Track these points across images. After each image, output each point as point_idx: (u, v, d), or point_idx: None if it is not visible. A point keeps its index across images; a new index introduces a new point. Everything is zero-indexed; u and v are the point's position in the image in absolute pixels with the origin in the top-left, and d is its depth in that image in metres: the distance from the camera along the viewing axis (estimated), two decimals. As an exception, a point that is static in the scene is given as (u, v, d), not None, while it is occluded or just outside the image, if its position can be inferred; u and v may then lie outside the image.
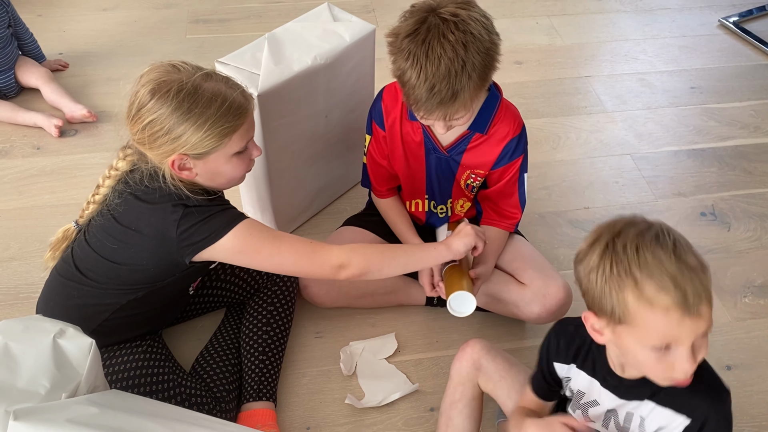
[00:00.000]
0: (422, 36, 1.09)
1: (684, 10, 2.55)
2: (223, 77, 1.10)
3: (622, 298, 0.84)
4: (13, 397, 0.93)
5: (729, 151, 1.98)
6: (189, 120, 1.04)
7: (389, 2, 2.50)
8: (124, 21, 2.37)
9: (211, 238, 1.10)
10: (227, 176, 1.14)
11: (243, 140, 1.11)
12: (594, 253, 0.88)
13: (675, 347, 0.85)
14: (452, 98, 1.10)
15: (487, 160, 1.32)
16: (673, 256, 0.85)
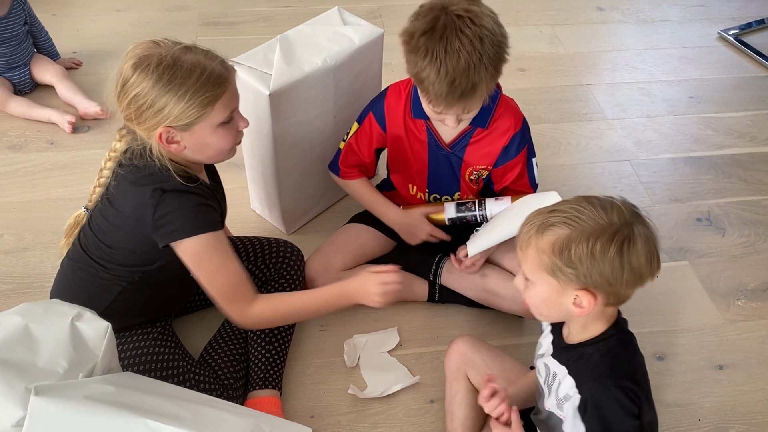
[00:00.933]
0: (439, 32, 1.13)
1: (684, 22, 2.61)
2: (202, 50, 1.12)
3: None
4: (33, 375, 0.97)
5: (725, 159, 2.03)
6: (170, 91, 1.06)
7: (395, 9, 2.56)
8: (137, 22, 2.43)
9: (179, 233, 1.13)
10: (215, 147, 1.15)
11: (226, 110, 1.12)
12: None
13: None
14: (472, 91, 1.15)
15: (489, 154, 1.37)
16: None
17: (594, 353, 1.00)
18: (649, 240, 0.94)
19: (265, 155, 1.53)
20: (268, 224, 1.74)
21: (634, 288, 0.96)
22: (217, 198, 1.24)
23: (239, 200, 1.79)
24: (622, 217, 0.93)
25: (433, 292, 1.53)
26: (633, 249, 0.91)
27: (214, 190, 1.26)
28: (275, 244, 1.48)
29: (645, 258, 0.93)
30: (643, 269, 0.94)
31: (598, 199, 0.95)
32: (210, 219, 1.15)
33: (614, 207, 0.94)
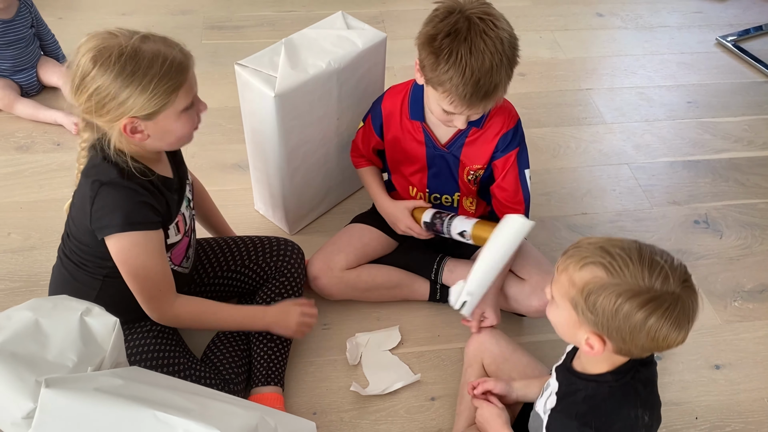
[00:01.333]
0: (464, 35, 1.15)
1: (683, 29, 2.64)
2: (160, 38, 1.11)
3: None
4: (43, 369, 0.99)
5: (723, 163, 2.05)
6: (134, 82, 1.05)
7: (398, 14, 2.59)
8: (141, 25, 2.39)
9: (110, 228, 1.13)
10: (177, 134, 1.15)
11: (189, 95, 1.13)
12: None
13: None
14: (494, 91, 1.18)
15: (483, 153, 1.39)
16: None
17: (582, 390, 1.01)
18: (686, 313, 0.89)
19: (270, 156, 1.55)
20: (272, 224, 1.77)
21: (650, 351, 0.96)
22: (165, 197, 1.20)
23: (243, 201, 1.81)
24: (666, 284, 0.88)
25: (434, 292, 1.56)
26: (661, 320, 0.88)
27: (167, 186, 1.22)
28: (275, 243, 1.50)
29: (672, 331, 0.89)
30: (665, 341, 0.91)
31: (653, 254, 0.90)
32: (143, 217, 1.14)
33: (662, 271, 0.88)
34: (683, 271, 0.91)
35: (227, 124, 2.06)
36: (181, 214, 1.26)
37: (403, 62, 2.30)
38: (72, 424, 0.92)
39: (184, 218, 1.28)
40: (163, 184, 1.20)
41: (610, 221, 1.84)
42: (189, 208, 1.31)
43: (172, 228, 1.24)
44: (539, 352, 1.49)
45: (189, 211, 1.31)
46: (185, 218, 1.28)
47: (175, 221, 1.24)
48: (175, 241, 1.26)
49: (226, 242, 1.50)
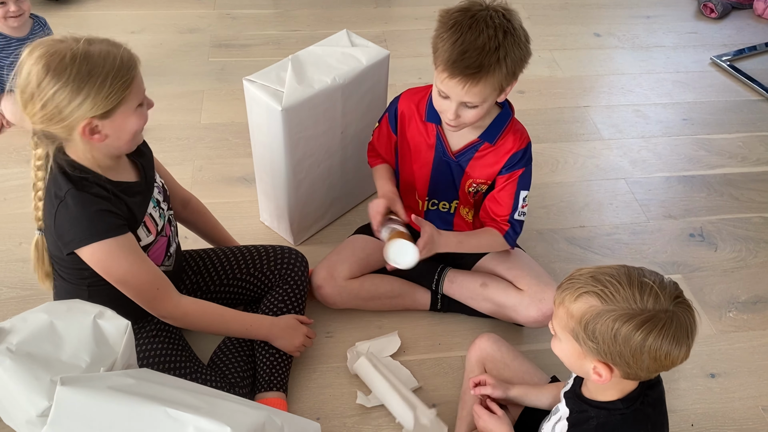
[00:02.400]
0: (472, 12, 1.22)
1: (678, 48, 2.70)
2: (103, 39, 1.13)
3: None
4: (57, 369, 1.02)
5: (717, 178, 2.10)
6: (90, 82, 1.06)
7: (400, 33, 2.65)
8: (150, 43, 2.52)
9: (75, 242, 1.14)
10: (132, 130, 1.15)
11: (140, 92, 1.14)
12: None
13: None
14: (477, 69, 1.20)
15: (491, 170, 1.43)
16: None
17: (594, 418, 1.03)
18: (682, 329, 0.92)
19: (276, 168, 1.60)
20: (277, 235, 1.81)
21: (657, 372, 0.97)
22: (125, 201, 1.21)
23: (249, 213, 1.86)
24: (658, 302, 0.91)
25: (435, 301, 1.59)
26: (659, 338, 0.90)
27: (127, 190, 1.22)
28: (279, 251, 1.54)
29: (672, 347, 0.91)
30: (668, 359, 0.92)
31: (642, 276, 0.94)
32: (105, 225, 1.15)
33: (652, 290, 0.91)
34: (674, 288, 0.94)
35: (234, 139, 2.11)
36: (148, 215, 1.27)
37: (405, 80, 2.35)
38: (86, 420, 0.96)
39: (153, 219, 1.29)
40: (121, 189, 1.21)
41: (607, 234, 1.88)
42: (159, 209, 1.32)
43: (142, 231, 1.26)
44: (538, 361, 1.52)
45: (159, 211, 1.31)
46: (154, 219, 1.29)
47: (141, 223, 1.26)
48: (149, 243, 1.28)
49: (232, 251, 1.54)
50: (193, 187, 1.92)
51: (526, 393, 1.29)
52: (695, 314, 0.94)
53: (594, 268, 0.97)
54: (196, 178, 1.96)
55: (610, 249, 1.84)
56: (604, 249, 1.84)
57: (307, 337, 1.44)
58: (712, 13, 2.88)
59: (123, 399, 0.97)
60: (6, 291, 1.63)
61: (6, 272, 1.67)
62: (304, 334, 1.43)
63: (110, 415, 0.96)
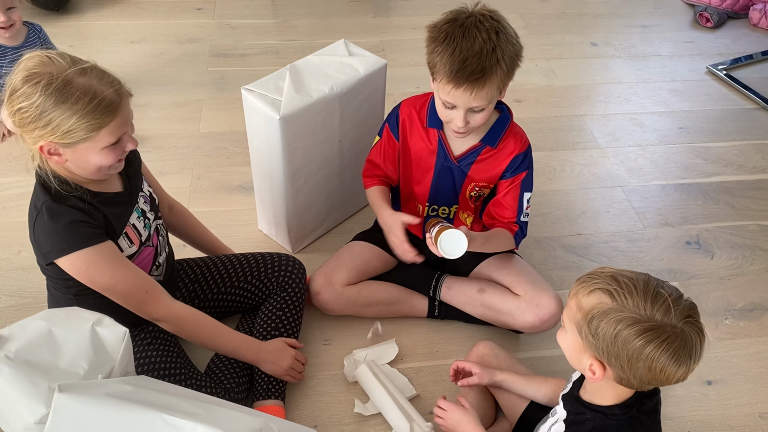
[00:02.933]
0: (460, 21, 1.25)
1: (674, 57, 2.72)
2: (99, 72, 1.11)
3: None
4: (55, 376, 1.03)
5: (714, 186, 2.11)
6: (56, 111, 1.06)
7: (397, 43, 2.67)
8: (150, 53, 2.54)
9: (53, 254, 1.15)
10: (95, 165, 1.14)
11: (113, 135, 1.12)
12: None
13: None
14: (481, 74, 1.23)
15: (493, 173, 1.45)
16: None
17: (590, 421, 1.04)
18: (685, 348, 0.91)
19: (274, 177, 1.61)
20: (275, 243, 1.81)
21: (651, 385, 0.97)
22: (103, 212, 1.20)
23: (247, 221, 1.87)
24: (667, 316, 0.91)
25: (432, 308, 1.60)
26: (659, 350, 0.90)
27: (106, 201, 1.22)
28: (277, 258, 1.55)
29: (669, 363, 0.91)
30: (663, 373, 0.92)
31: (659, 287, 0.93)
32: (82, 235, 1.15)
33: (665, 303, 0.91)
34: (688, 307, 0.93)
35: (232, 147, 2.12)
36: (130, 225, 1.27)
37: (402, 89, 2.37)
38: (84, 427, 0.96)
39: (136, 230, 1.28)
40: (100, 200, 1.21)
41: (604, 242, 1.89)
42: (144, 219, 1.31)
43: (123, 241, 1.25)
44: (535, 368, 1.53)
45: (144, 222, 1.31)
46: (137, 229, 1.29)
47: (122, 234, 1.25)
48: (132, 253, 1.28)
49: (229, 259, 1.55)
50: (191, 196, 1.93)
51: (515, 380, 1.30)
52: (704, 339, 0.93)
53: (617, 269, 0.98)
54: (194, 187, 1.97)
55: (607, 257, 1.85)
56: (601, 257, 1.85)
57: (298, 363, 1.42)
58: (708, 23, 2.91)
59: (120, 406, 0.97)
60: (5, 299, 1.64)
61: (5, 280, 1.68)
62: (292, 357, 1.40)
63: (108, 422, 0.96)
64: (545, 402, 1.27)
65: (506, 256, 1.56)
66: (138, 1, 2.83)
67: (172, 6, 2.82)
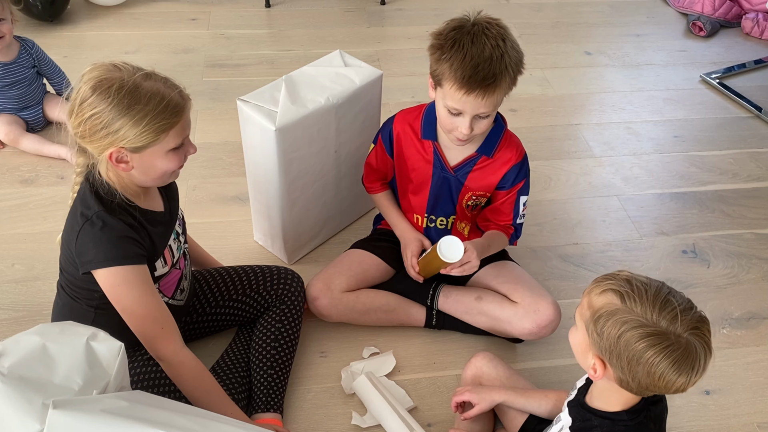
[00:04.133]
0: (468, 29, 1.26)
1: (668, 66, 2.73)
2: (162, 78, 1.15)
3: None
4: (49, 392, 1.02)
5: (709, 195, 2.11)
6: (128, 115, 1.08)
7: (392, 53, 2.67)
8: (145, 63, 2.47)
9: (93, 263, 1.15)
10: (161, 170, 1.17)
11: (179, 137, 1.15)
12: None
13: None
14: (493, 80, 1.24)
15: (490, 182, 1.46)
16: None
17: (597, 427, 1.03)
18: (688, 358, 0.90)
19: (270, 188, 1.60)
20: (271, 255, 1.81)
21: (650, 391, 0.96)
22: (148, 231, 1.22)
23: (243, 232, 1.86)
24: (673, 324, 0.91)
25: (430, 318, 1.59)
26: (659, 357, 0.90)
27: (151, 220, 1.23)
28: (275, 271, 1.54)
29: (670, 371, 0.91)
30: (663, 380, 0.92)
31: (670, 295, 0.94)
32: (127, 252, 1.16)
33: (673, 311, 0.91)
34: (697, 319, 0.92)
35: (228, 158, 2.11)
36: (167, 246, 1.28)
37: (397, 98, 2.37)
38: (78, 444, 0.95)
39: (171, 251, 1.30)
40: (147, 218, 1.22)
41: (601, 251, 1.89)
42: (177, 241, 1.33)
43: (159, 261, 1.26)
44: (533, 379, 1.52)
45: (177, 243, 1.33)
46: (172, 251, 1.30)
47: (161, 255, 1.26)
48: (163, 273, 1.28)
49: (227, 272, 1.54)
50: (186, 207, 1.91)
51: (515, 399, 1.30)
52: (709, 354, 0.93)
53: (634, 274, 0.98)
54: (189, 198, 1.96)
55: (604, 266, 1.85)
56: (598, 266, 1.85)
57: None
58: (701, 32, 2.92)
59: (116, 422, 0.96)
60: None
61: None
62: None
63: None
64: (546, 416, 1.27)
65: (503, 264, 1.56)
66: (132, 12, 2.83)
67: (167, 16, 2.82)
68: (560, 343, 1.60)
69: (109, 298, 1.19)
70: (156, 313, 1.21)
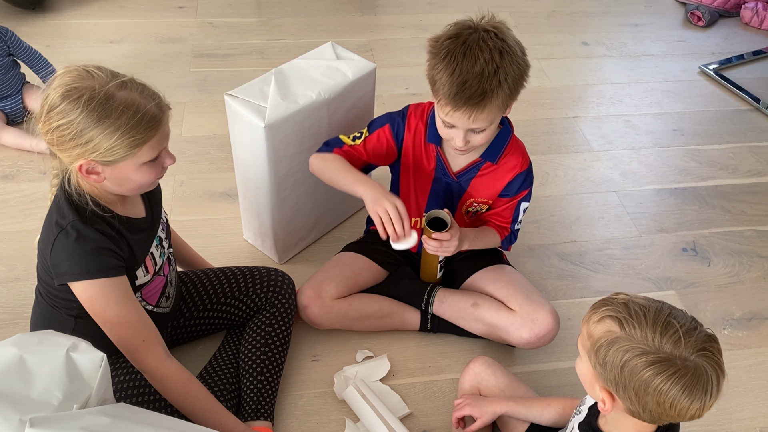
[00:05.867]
0: (463, 39, 1.19)
1: (666, 57, 2.68)
2: (139, 86, 1.07)
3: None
4: (27, 407, 0.97)
5: (709, 190, 2.07)
6: (98, 128, 1.02)
7: (386, 42, 2.61)
8: (130, 53, 2.46)
9: (68, 276, 1.10)
10: (136, 183, 1.11)
11: (155, 151, 1.09)
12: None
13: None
14: (481, 98, 1.17)
15: (493, 189, 1.41)
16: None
17: None
18: (699, 383, 0.85)
19: (260, 186, 1.55)
20: (261, 254, 1.75)
21: (663, 420, 0.91)
22: (127, 239, 1.16)
23: (232, 230, 1.80)
24: (677, 348, 0.86)
25: (425, 322, 1.55)
26: (668, 383, 0.85)
27: (131, 227, 1.18)
28: (266, 273, 1.49)
29: (681, 398, 0.85)
30: (675, 409, 0.87)
31: (670, 317, 0.89)
32: (103, 264, 1.10)
33: (675, 334, 0.86)
34: (703, 339, 0.87)
35: (216, 153, 2.05)
36: (149, 254, 1.22)
37: (391, 90, 2.31)
38: (57, 465, 0.90)
39: (153, 258, 1.24)
40: (126, 226, 1.16)
41: (599, 249, 1.85)
42: (160, 247, 1.27)
43: (140, 270, 1.20)
44: (531, 382, 1.48)
45: (160, 250, 1.26)
46: (154, 258, 1.24)
47: (142, 263, 1.20)
48: (145, 282, 1.23)
49: (215, 273, 1.48)
50: (173, 204, 1.86)
51: (517, 409, 1.26)
52: (722, 374, 0.87)
53: (632, 296, 0.93)
54: (176, 194, 1.90)
55: (603, 264, 1.81)
56: (597, 264, 1.80)
57: None
58: (700, 21, 2.87)
59: (96, 441, 0.91)
60: (-23, 315, 1.57)
61: (-23, 295, 1.61)
62: None
63: (82, 459, 0.90)
64: (550, 425, 1.23)
65: (500, 268, 1.51)
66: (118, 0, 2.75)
67: (153, 4, 2.74)
68: (559, 347, 1.56)
69: (88, 310, 1.13)
70: (137, 326, 1.15)
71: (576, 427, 1.08)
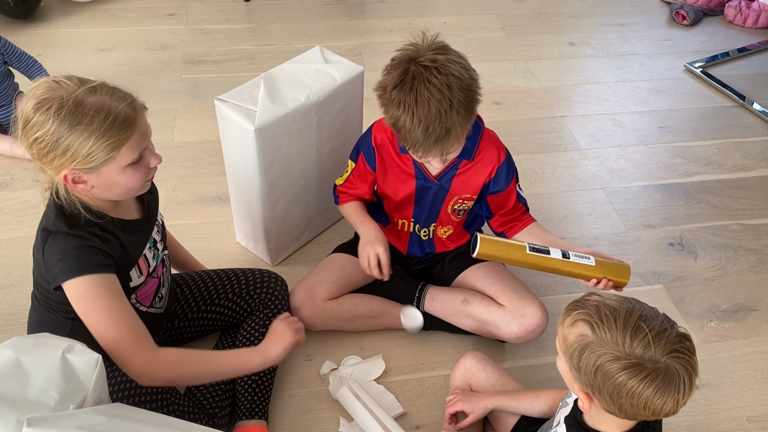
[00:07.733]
0: (408, 84, 1.19)
1: (652, 56, 2.72)
2: (109, 89, 1.07)
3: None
4: (24, 408, 0.98)
5: (695, 186, 2.10)
6: (72, 136, 1.02)
7: (375, 46, 2.64)
8: (122, 61, 2.48)
9: (60, 276, 1.10)
10: (124, 187, 1.11)
11: (135, 151, 1.09)
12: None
13: None
14: (446, 135, 1.20)
15: (475, 184, 1.43)
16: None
17: None
18: (671, 383, 0.87)
19: (251, 188, 1.57)
20: (253, 256, 1.77)
21: (638, 417, 0.93)
22: (120, 240, 1.17)
23: (224, 233, 1.82)
24: (648, 351, 0.87)
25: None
26: (641, 386, 0.87)
27: (124, 228, 1.18)
28: (258, 275, 1.51)
29: (655, 398, 0.87)
30: (649, 409, 0.89)
31: (640, 319, 0.90)
32: (91, 261, 1.10)
33: (645, 338, 0.88)
34: (675, 341, 0.89)
35: (207, 157, 2.07)
36: (142, 255, 1.23)
37: (381, 93, 2.33)
38: (54, 463, 0.92)
39: (146, 260, 1.25)
40: (119, 227, 1.17)
41: (587, 245, 1.87)
42: (154, 249, 1.28)
43: (134, 271, 1.21)
44: (522, 377, 1.51)
45: (154, 251, 1.28)
46: (147, 260, 1.25)
47: (135, 264, 1.21)
48: (139, 284, 1.23)
49: (209, 275, 1.50)
50: (165, 208, 1.87)
51: (507, 403, 1.28)
52: (693, 374, 0.89)
53: (604, 297, 0.95)
54: (169, 199, 1.92)
55: (591, 260, 1.83)
56: (585, 261, 1.83)
57: (292, 322, 1.30)
58: (684, 20, 2.91)
59: (93, 439, 0.93)
60: (-27, 322, 1.58)
61: (-27, 302, 1.62)
62: (285, 324, 1.28)
63: (79, 457, 0.92)
64: (540, 416, 1.25)
65: (489, 265, 1.54)
66: (108, 8, 2.77)
67: (144, 12, 2.76)
68: (548, 341, 1.58)
69: (78, 311, 1.13)
70: (128, 322, 1.14)
71: (562, 421, 1.10)
